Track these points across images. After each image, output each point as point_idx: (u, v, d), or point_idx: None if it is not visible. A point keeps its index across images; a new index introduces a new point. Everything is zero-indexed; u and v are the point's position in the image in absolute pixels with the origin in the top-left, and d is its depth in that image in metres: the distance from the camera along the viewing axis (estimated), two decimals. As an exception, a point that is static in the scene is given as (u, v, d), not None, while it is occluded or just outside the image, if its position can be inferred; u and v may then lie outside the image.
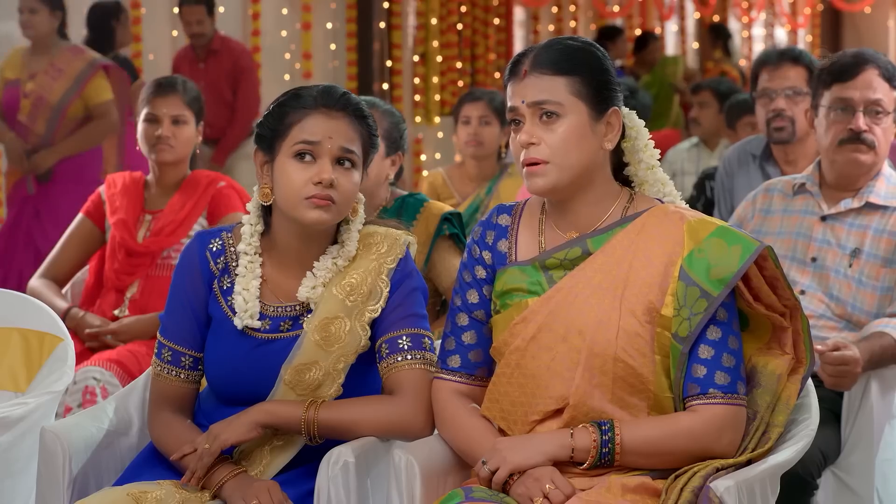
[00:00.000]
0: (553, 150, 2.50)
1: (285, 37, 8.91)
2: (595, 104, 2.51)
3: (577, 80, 2.51)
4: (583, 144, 2.50)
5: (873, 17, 14.20)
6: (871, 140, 3.43)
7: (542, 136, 2.50)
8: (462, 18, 10.47)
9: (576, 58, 2.52)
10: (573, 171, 2.50)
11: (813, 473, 3.21)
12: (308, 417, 2.58)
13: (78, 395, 3.80)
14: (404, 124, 3.69)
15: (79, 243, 4.22)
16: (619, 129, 2.55)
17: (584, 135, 2.51)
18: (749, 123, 6.21)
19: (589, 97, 2.51)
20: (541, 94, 2.51)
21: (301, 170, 2.59)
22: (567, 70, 2.51)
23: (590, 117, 2.51)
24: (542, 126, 2.51)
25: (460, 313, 2.63)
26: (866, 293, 3.40)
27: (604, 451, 2.44)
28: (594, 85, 2.52)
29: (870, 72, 3.44)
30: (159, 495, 2.51)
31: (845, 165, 3.47)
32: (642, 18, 13.39)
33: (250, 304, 2.64)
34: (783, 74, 4.33)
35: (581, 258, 2.54)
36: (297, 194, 2.59)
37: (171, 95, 4.16)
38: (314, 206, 2.59)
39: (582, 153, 2.50)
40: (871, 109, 3.43)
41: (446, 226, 3.70)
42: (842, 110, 3.45)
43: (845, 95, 3.44)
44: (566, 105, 2.50)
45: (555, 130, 2.50)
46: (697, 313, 2.45)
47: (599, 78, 2.53)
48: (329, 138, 2.60)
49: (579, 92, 2.50)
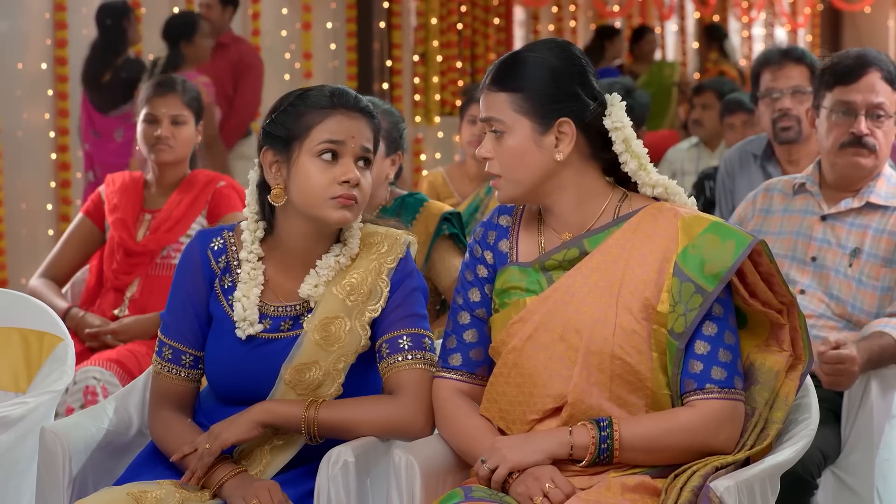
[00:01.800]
0: (502, 165, 2.55)
1: (285, 37, 8.91)
2: (539, 118, 2.51)
3: (518, 96, 2.52)
4: (527, 159, 2.52)
5: (873, 17, 14.20)
6: (873, 144, 3.43)
7: (495, 150, 2.55)
8: (462, 18, 10.47)
9: (519, 73, 2.53)
10: (524, 184, 2.54)
11: (813, 473, 3.21)
12: (308, 417, 2.59)
13: (79, 395, 3.80)
14: (403, 124, 3.69)
15: (79, 243, 4.23)
16: (573, 138, 2.53)
17: (528, 150, 2.52)
18: (729, 125, 6.21)
19: (531, 112, 2.51)
20: (488, 110, 2.56)
21: (324, 170, 2.60)
22: (509, 86, 2.53)
23: (534, 131, 2.52)
24: (495, 141, 2.55)
25: (462, 312, 2.64)
26: (866, 293, 3.40)
27: (603, 448, 2.44)
28: (538, 98, 2.51)
29: (872, 75, 3.43)
30: (159, 495, 2.51)
31: (846, 168, 3.47)
32: (642, 18, 13.39)
33: (248, 313, 2.65)
34: (787, 74, 4.32)
35: (579, 258, 2.55)
36: (322, 194, 2.59)
37: (169, 95, 4.16)
38: (340, 206, 2.60)
39: (527, 168, 2.53)
40: (873, 113, 3.43)
41: (446, 225, 3.70)
42: (843, 113, 3.45)
43: (847, 98, 3.44)
44: (508, 122, 2.53)
45: (502, 146, 2.55)
46: (693, 309, 2.46)
47: (545, 92, 2.52)
48: (352, 138, 2.62)
49: (521, 108, 2.52)
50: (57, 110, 7.09)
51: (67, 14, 7.00)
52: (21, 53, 6.96)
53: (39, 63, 7.02)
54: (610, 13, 12.53)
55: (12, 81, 6.85)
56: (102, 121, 6.80)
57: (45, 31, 7.04)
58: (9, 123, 6.79)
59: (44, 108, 7.10)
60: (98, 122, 6.80)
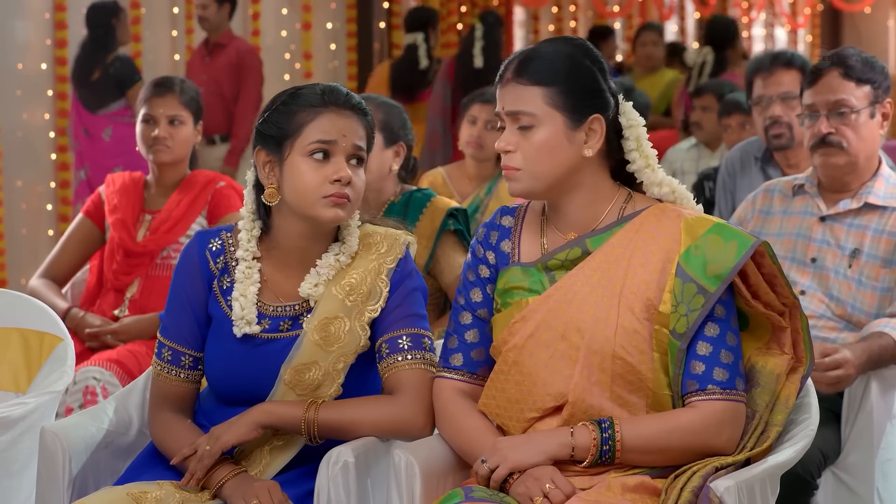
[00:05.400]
0: (526, 158, 2.52)
1: (285, 37, 8.92)
2: (573, 113, 2.51)
3: (554, 90, 2.51)
4: (556, 154, 2.51)
5: (873, 17, 14.20)
6: (839, 141, 3.43)
7: (519, 143, 2.53)
8: (462, 18, 10.47)
9: (555, 68, 2.52)
10: (546, 179, 2.52)
11: (813, 473, 3.21)
12: (308, 417, 2.58)
13: (79, 395, 3.80)
14: (404, 115, 3.68)
15: (79, 243, 4.22)
16: (602, 135, 2.54)
17: (558, 145, 2.51)
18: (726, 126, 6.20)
19: (566, 107, 2.51)
20: (517, 103, 2.53)
21: (316, 168, 2.60)
22: (544, 81, 2.51)
23: (566, 127, 2.51)
24: (519, 134, 2.53)
25: (464, 312, 2.64)
26: (866, 293, 3.40)
27: (604, 449, 2.44)
28: (573, 94, 2.51)
29: (830, 74, 3.45)
30: (159, 495, 2.51)
31: (822, 168, 3.50)
32: (642, 18, 13.38)
33: (246, 311, 2.64)
34: (777, 80, 4.32)
35: (581, 258, 2.55)
36: (314, 193, 2.59)
37: (167, 96, 4.16)
38: (332, 205, 2.59)
39: (555, 163, 2.52)
40: (836, 111, 3.43)
41: (451, 221, 3.70)
42: (809, 116, 3.49)
43: (809, 101, 3.49)
44: (540, 116, 2.51)
45: (529, 140, 2.52)
46: (695, 310, 2.46)
47: (580, 87, 2.52)
48: (343, 136, 2.61)
49: (555, 102, 2.51)
50: (57, 110, 7.10)
51: (67, 14, 7.01)
52: (21, 53, 6.97)
53: (39, 63, 7.03)
54: (610, 13, 12.54)
55: (12, 81, 6.86)
56: (91, 119, 6.82)
57: (45, 31, 7.05)
58: (9, 123, 6.79)
59: (44, 108, 7.10)
60: (87, 120, 6.82)
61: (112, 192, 4.20)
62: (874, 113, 3.45)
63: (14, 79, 6.88)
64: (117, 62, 6.80)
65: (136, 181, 4.23)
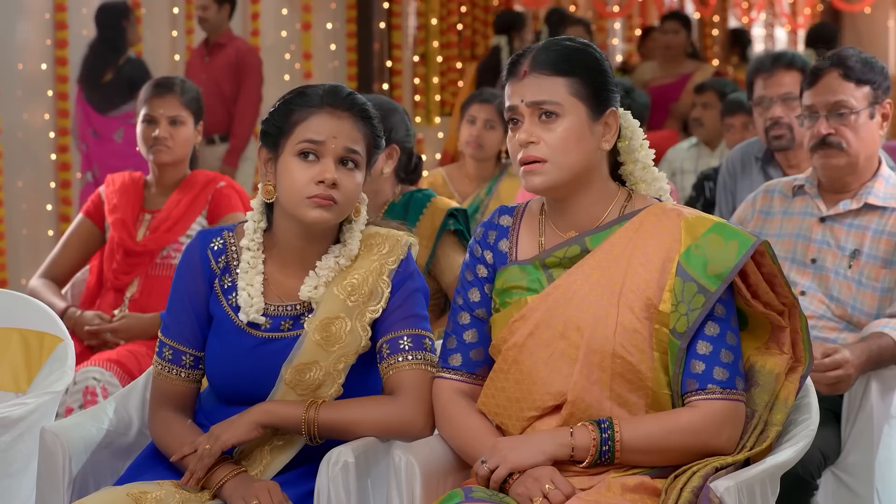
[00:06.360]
0: (552, 149, 2.51)
1: (285, 37, 8.91)
2: (593, 105, 2.53)
3: (576, 80, 2.52)
4: (581, 145, 2.51)
5: (873, 17, 14.19)
6: (838, 142, 3.44)
7: (542, 135, 2.52)
8: (462, 18, 10.48)
9: (575, 58, 2.53)
10: (571, 170, 2.52)
11: (813, 473, 3.21)
12: (308, 417, 2.58)
13: (79, 396, 3.80)
14: (399, 116, 3.67)
15: (79, 243, 4.22)
16: (617, 129, 2.56)
17: (583, 135, 2.52)
18: (729, 125, 6.20)
19: (588, 98, 2.52)
20: (540, 94, 2.52)
21: (304, 168, 2.59)
22: (566, 71, 2.52)
23: (588, 118, 2.52)
24: (541, 125, 2.52)
25: (462, 312, 2.64)
26: (866, 294, 3.40)
27: (604, 450, 2.44)
28: (593, 86, 2.53)
29: (829, 75, 3.45)
30: (159, 495, 2.51)
31: (822, 170, 3.50)
32: (642, 19, 13.38)
33: (255, 300, 2.64)
34: (777, 81, 4.33)
35: (580, 256, 2.55)
36: (300, 193, 2.59)
37: (167, 96, 4.16)
38: (316, 206, 2.58)
39: (580, 153, 2.51)
40: (835, 112, 3.44)
41: (451, 221, 3.70)
42: (808, 118, 3.49)
43: (809, 102, 3.49)
44: (565, 105, 2.51)
45: (554, 130, 2.51)
46: (695, 309, 2.46)
47: (598, 79, 2.54)
48: (333, 138, 2.60)
49: (578, 92, 2.52)
50: (57, 110, 7.10)
51: (67, 14, 7.01)
52: (21, 54, 6.97)
53: (39, 63, 7.03)
54: (610, 13, 12.53)
55: (12, 82, 6.86)
56: (101, 121, 6.81)
57: (45, 31, 7.04)
58: (9, 124, 6.79)
59: (44, 109, 7.10)
60: (96, 122, 6.81)
61: (112, 191, 4.20)
62: (874, 113, 3.45)
63: (14, 79, 6.87)
64: (129, 64, 6.81)
65: (135, 181, 4.23)
